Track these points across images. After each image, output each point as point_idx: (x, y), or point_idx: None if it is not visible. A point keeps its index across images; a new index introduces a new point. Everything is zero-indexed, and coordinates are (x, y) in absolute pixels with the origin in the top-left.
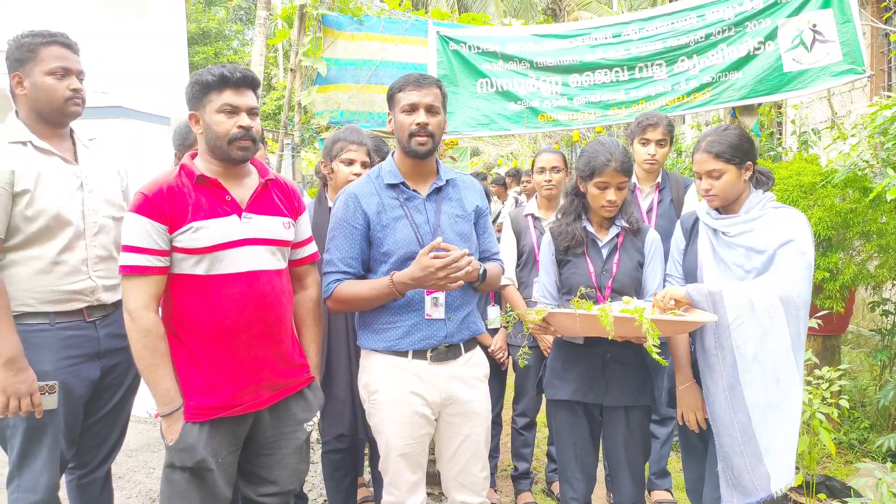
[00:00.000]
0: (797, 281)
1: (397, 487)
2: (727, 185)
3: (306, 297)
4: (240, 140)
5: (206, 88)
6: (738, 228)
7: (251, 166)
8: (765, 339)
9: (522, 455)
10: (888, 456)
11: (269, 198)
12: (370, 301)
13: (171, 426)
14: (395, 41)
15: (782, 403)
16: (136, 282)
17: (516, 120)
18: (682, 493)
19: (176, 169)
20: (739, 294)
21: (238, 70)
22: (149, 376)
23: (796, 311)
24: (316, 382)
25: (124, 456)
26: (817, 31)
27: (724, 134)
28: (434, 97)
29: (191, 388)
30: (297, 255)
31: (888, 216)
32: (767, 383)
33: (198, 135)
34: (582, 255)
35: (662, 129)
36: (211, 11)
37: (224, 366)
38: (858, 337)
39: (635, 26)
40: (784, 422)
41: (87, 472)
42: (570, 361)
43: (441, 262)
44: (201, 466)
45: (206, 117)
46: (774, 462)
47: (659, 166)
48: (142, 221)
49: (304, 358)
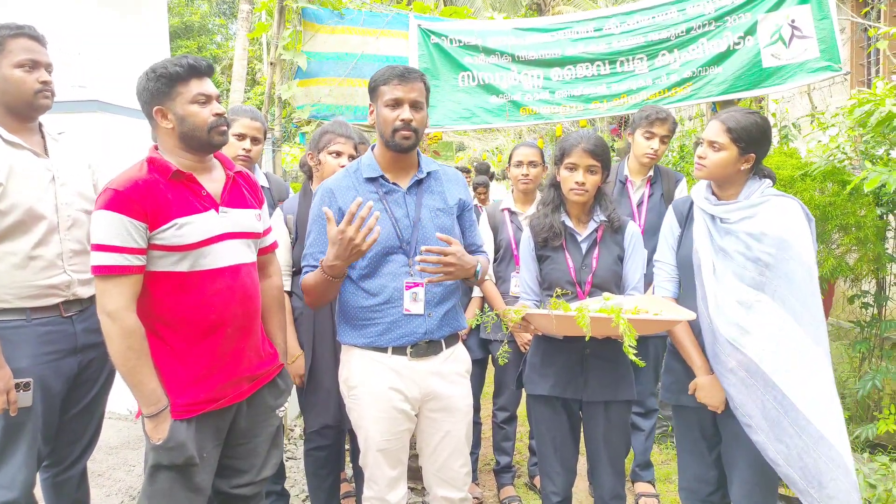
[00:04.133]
0: (803, 303)
1: (377, 482)
2: (720, 163)
3: (271, 285)
4: (218, 127)
5: (174, 80)
6: (739, 214)
7: (215, 159)
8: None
9: (504, 449)
10: (867, 446)
11: (239, 190)
12: (318, 288)
13: (159, 426)
14: (377, 34)
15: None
16: (114, 282)
17: (498, 113)
18: (664, 484)
19: (144, 163)
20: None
21: (201, 59)
22: (133, 378)
23: (810, 322)
24: (286, 369)
25: (104, 453)
26: (795, 27)
27: (746, 116)
28: (419, 92)
29: (176, 386)
30: (261, 244)
31: (867, 209)
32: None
33: (165, 130)
34: (561, 250)
35: (669, 126)
36: (194, 5)
37: (209, 360)
38: (838, 329)
39: (616, 20)
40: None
41: (62, 469)
42: (550, 357)
43: (342, 225)
44: (188, 463)
45: (179, 109)
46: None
47: (656, 161)
48: (119, 218)
49: (272, 346)
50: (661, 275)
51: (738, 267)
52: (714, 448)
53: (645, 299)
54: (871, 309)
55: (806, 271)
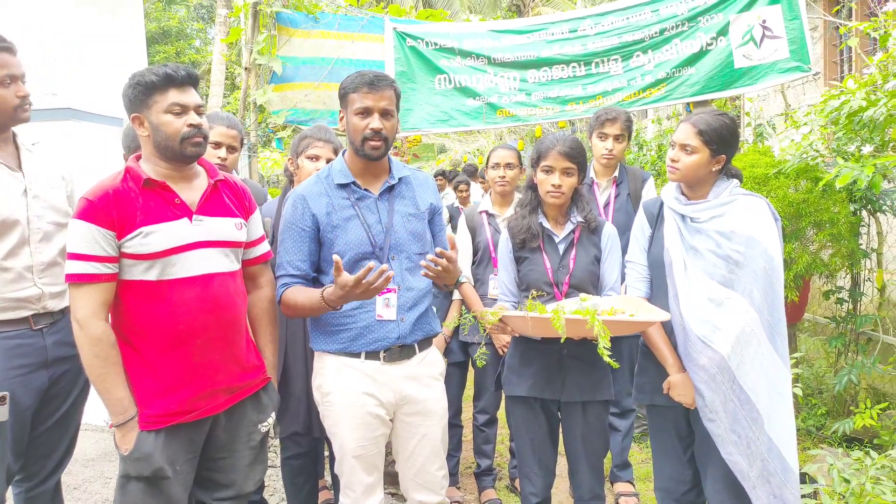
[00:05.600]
0: (765, 296)
1: (353, 489)
2: (693, 165)
3: (261, 297)
4: (192, 138)
5: (150, 89)
6: (709, 214)
7: (199, 167)
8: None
9: (484, 452)
10: (844, 441)
11: (220, 199)
12: (310, 313)
13: (126, 435)
14: (352, 38)
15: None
16: (84, 290)
17: (475, 116)
18: (644, 483)
19: (121, 172)
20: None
21: (181, 68)
22: (100, 385)
23: (769, 316)
24: (272, 383)
25: (80, 466)
26: (766, 27)
27: (717, 118)
28: (389, 100)
29: (145, 396)
30: (250, 254)
31: (840, 205)
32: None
33: (142, 137)
34: (539, 251)
35: (620, 124)
36: (171, 10)
37: (180, 371)
38: (815, 325)
39: (591, 21)
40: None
41: (35, 483)
42: (527, 358)
43: (353, 280)
44: (158, 475)
45: (153, 118)
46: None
47: (616, 161)
48: (88, 228)
49: (259, 359)
50: (632, 275)
51: (708, 265)
52: (689, 447)
53: (621, 300)
54: (847, 304)
55: (772, 268)
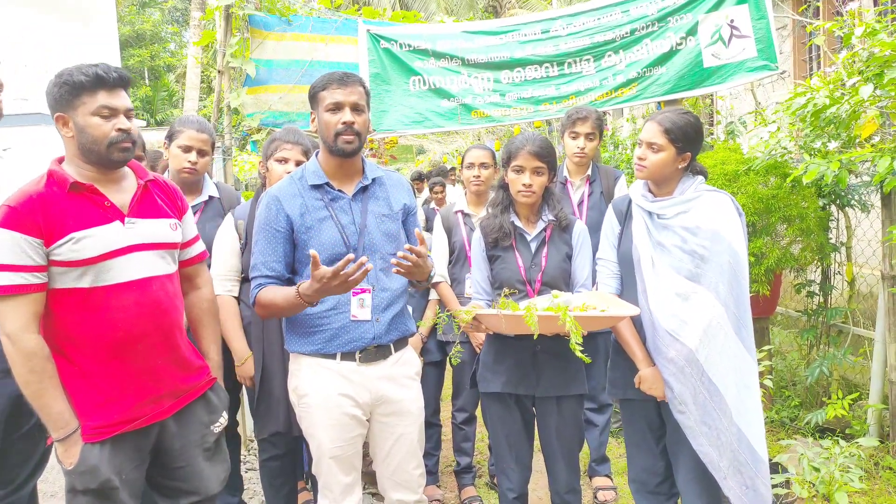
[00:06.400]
0: (730, 289)
1: (331, 490)
2: (660, 163)
3: (200, 297)
4: (120, 143)
5: (78, 89)
6: (675, 210)
7: (127, 168)
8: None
9: (464, 450)
10: (817, 431)
11: (152, 200)
12: (286, 311)
13: (69, 450)
14: (326, 41)
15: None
16: (12, 302)
17: (450, 117)
18: (622, 477)
19: (43, 176)
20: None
21: (113, 70)
22: (38, 402)
23: (735, 310)
24: (219, 383)
25: (56, 473)
26: (734, 27)
27: (682, 117)
28: (359, 95)
29: (86, 408)
30: (186, 255)
31: (809, 201)
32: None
33: (66, 138)
34: (511, 249)
35: (591, 123)
36: (145, 13)
37: (121, 379)
38: (787, 318)
39: (563, 22)
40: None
41: (10, 491)
42: (502, 354)
43: (331, 272)
44: (105, 487)
45: (80, 120)
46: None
47: (588, 159)
48: (12, 236)
49: (202, 360)
50: (603, 272)
51: (675, 260)
52: (661, 439)
53: (592, 296)
54: (818, 297)
55: (737, 262)
